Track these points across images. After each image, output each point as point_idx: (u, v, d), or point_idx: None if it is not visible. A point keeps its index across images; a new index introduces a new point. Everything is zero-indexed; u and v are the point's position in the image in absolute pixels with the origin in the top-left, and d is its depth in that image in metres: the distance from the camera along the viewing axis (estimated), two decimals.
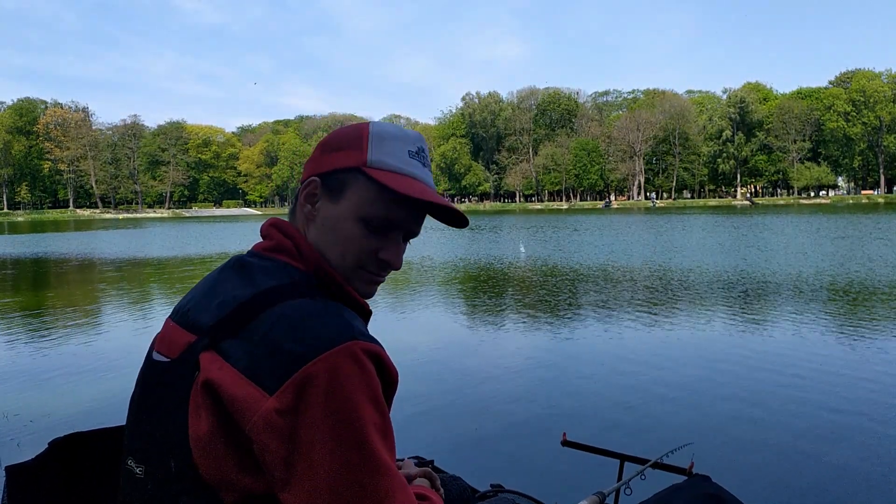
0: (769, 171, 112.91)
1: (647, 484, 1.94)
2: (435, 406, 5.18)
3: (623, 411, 5.01)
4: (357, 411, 0.88)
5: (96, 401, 5.49)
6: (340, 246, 1.08)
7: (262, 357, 0.89)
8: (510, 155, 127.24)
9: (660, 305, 9.96)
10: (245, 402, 0.87)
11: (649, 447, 3.97)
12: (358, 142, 1.08)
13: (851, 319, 8.56)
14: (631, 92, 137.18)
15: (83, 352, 7.42)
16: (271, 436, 0.86)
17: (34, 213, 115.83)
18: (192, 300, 1.05)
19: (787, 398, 5.22)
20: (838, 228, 29.51)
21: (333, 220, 1.08)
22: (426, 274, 15.51)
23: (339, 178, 1.07)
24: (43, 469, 1.12)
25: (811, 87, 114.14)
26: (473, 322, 9.08)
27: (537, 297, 11.26)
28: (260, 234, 1.13)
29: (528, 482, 3.64)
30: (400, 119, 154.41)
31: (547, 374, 6.17)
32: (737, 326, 8.26)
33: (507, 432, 4.60)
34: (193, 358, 0.94)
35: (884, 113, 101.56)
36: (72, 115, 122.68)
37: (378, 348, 0.95)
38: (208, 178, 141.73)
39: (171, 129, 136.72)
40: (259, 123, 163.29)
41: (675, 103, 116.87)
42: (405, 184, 1.06)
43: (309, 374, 0.87)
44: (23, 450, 4.29)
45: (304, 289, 0.99)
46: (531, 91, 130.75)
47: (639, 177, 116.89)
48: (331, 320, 0.93)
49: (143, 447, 0.99)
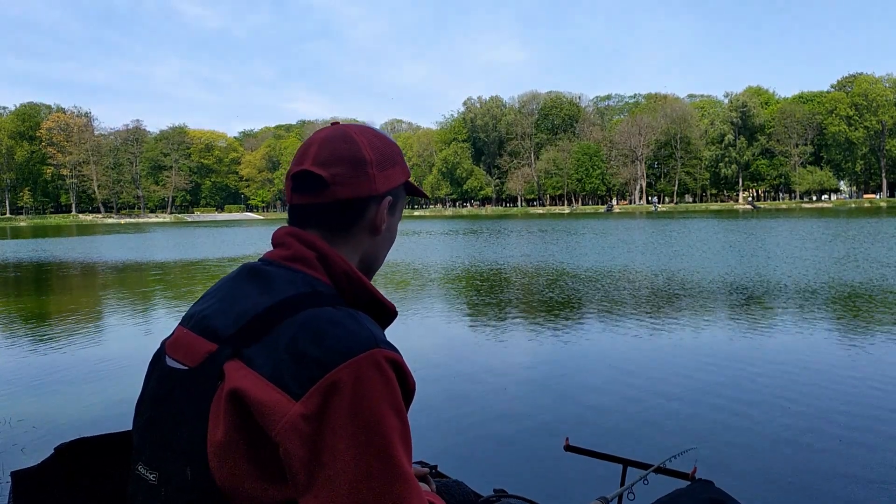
0: (771, 175, 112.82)
1: (650, 489, 1.94)
2: (438, 411, 5.19)
3: (626, 416, 5.01)
4: (380, 418, 0.90)
5: (101, 406, 5.51)
6: (386, 251, 1.21)
7: (287, 364, 0.91)
8: (512, 159, 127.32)
9: (662, 310, 9.96)
10: (272, 407, 0.88)
11: (652, 452, 3.98)
12: (401, 156, 1.19)
13: (856, 324, 8.55)
14: (633, 96, 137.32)
15: (88, 357, 7.43)
16: (296, 440, 0.87)
17: (36, 217, 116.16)
18: (209, 308, 1.05)
19: (791, 403, 5.22)
20: (840, 232, 29.47)
21: (393, 231, 1.21)
22: (428, 278, 15.52)
23: (396, 192, 1.18)
24: (48, 475, 1.12)
25: (813, 92, 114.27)
26: (475, 326, 9.09)
27: (540, 301, 11.26)
28: (272, 243, 1.14)
29: (531, 487, 3.66)
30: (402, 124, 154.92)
31: (549, 378, 6.18)
32: (740, 331, 8.25)
33: (509, 437, 4.61)
34: (217, 367, 0.95)
35: (886, 117, 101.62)
36: (74, 120, 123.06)
37: (398, 357, 0.97)
38: (210, 182, 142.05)
39: (174, 134, 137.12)
40: (261, 128, 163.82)
41: (677, 107, 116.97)
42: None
43: (334, 381, 0.88)
44: (28, 455, 4.30)
45: (326, 297, 1.01)
46: (533, 95, 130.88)
47: (641, 181, 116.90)
48: (354, 328, 0.95)
49: (157, 453, 0.99)
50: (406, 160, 1.38)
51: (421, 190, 1.26)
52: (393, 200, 1.16)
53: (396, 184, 1.16)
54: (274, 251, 1.12)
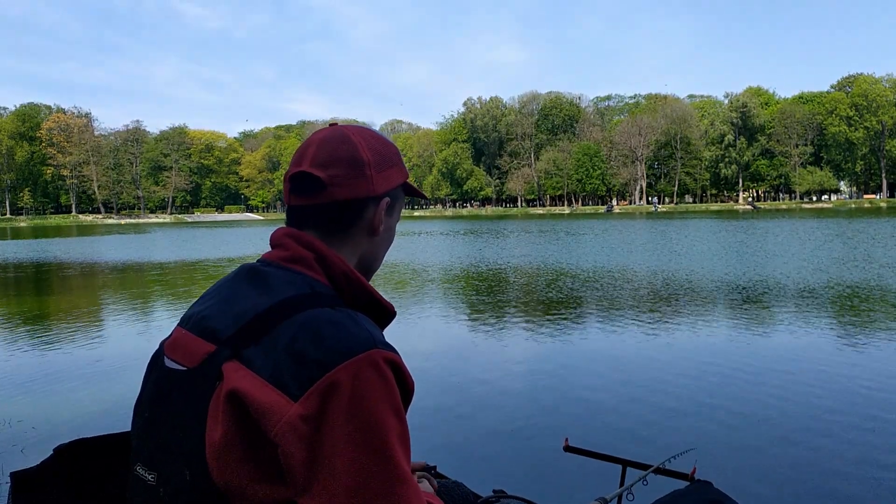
0: (771, 175, 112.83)
1: (650, 489, 1.94)
2: (437, 412, 5.18)
3: (625, 417, 5.01)
4: (379, 419, 0.90)
5: (101, 407, 5.50)
6: (384, 252, 1.22)
7: (286, 365, 0.91)
8: (512, 160, 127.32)
9: (662, 310, 9.96)
10: (271, 407, 0.88)
11: (652, 452, 3.98)
12: (399, 157, 1.20)
13: (855, 324, 8.55)
14: (633, 97, 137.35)
15: (87, 358, 7.43)
16: (295, 441, 0.87)
17: (37, 218, 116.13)
18: (207, 309, 1.05)
19: (791, 404, 5.22)
20: (840, 232, 29.47)
21: (391, 232, 1.21)
22: (428, 279, 15.52)
23: (395, 193, 1.18)
24: (47, 476, 1.12)
25: (813, 92, 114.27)
26: (475, 327, 9.09)
27: (539, 301, 11.26)
28: (270, 244, 1.14)
29: (531, 488, 3.65)
30: (402, 124, 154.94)
31: (549, 379, 6.17)
32: (740, 332, 8.25)
33: (509, 438, 4.61)
34: (215, 368, 0.95)
35: (886, 117, 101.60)
36: (74, 121, 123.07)
37: (397, 357, 0.97)
38: (210, 183, 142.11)
39: (174, 135, 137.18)
40: (261, 129, 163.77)
41: (677, 108, 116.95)
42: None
43: (333, 382, 0.89)
44: (27, 456, 4.30)
45: (325, 298, 1.01)
46: (533, 96, 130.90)
47: (641, 181, 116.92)
48: (353, 329, 0.95)
49: (155, 454, 1.00)
50: (406, 161, 1.38)
51: (419, 190, 1.27)
52: (391, 201, 1.17)
53: (394, 185, 1.17)
54: (272, 252, 1.12)
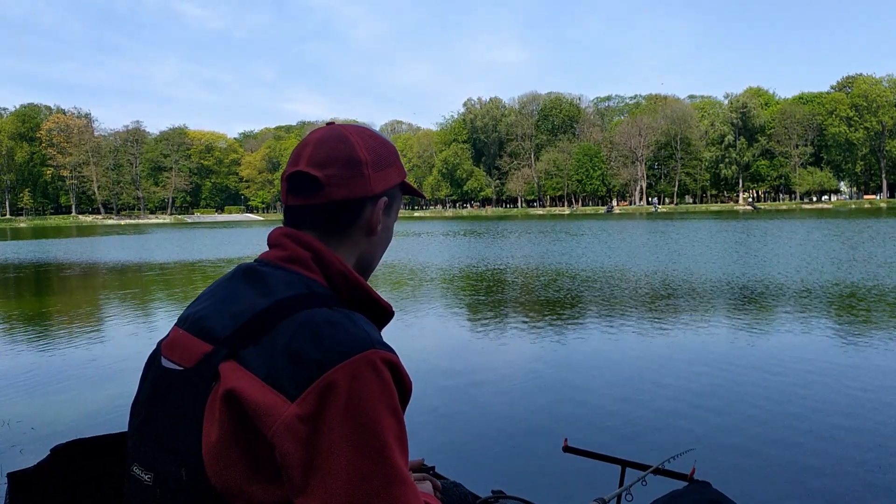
0: (771, 176, 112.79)
1: (649, 490, 1.94)
2: (436, 412, 5.18)
3: (624, 417, 5.01)
4: (377, 419, 0.90)
5: (98, 407, 5.50)
6: (382, 252, 1.22)
7: (283, 365, 0.90)
8: (512, 160, 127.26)
9: (662, 311, 9.96)
10: (268, 408, 0.88)
11: (651, 453, 3.97)
12: (397, 156, 1.19)
13: (855, 324, 8.54)
14: (633, 97, 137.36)
15: (85, 358, 7.42)
16: (292, 441, 0.87)
17: (36, 219, 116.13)
18: (204, 309, 1.05)
19: (789, 404, 5.21)
20: (840, 232, 29.46)
21: (389, 231, 1.21)
22: (427, 279, 15.52)
23: (392, 192, 1.18)
24: (45, 476, 1.12)
25: (813, 92, 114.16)
26: (474, 327, 9.08)
27: (539, 302, 11.26)
28: (268, 244, 1.13)
29: (530, 488, 3.64)
30: (402, 125, 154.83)
31: (548, 379, 6.17)
32: (739, 332, 8.24)
33: (508, 438, 4.60)
34: (212, 368, 0.94)
35: (886, 118, 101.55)
36: (74, 122, 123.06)
37: (395, 357, 0.97)
38: (210, 183, 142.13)
39: (174, 135, 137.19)
40: (261, 129, 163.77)
41: (677, 108, 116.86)
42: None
43: (330, 382, 0.88)
44: (24, 456, 4.29)
45: (323, 298, 1.01)
46: (533, 96, 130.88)
47: (641, 182, 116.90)
48: (350, 329, 0.95)
49: (152, 454, 0.99)
50: (406, 161, 1.41)
51: (417, 189, 1.26)
52: (389, 201, 1.17)
53: (392, 184, 1.16)
54: (270, 252, 1.11)
